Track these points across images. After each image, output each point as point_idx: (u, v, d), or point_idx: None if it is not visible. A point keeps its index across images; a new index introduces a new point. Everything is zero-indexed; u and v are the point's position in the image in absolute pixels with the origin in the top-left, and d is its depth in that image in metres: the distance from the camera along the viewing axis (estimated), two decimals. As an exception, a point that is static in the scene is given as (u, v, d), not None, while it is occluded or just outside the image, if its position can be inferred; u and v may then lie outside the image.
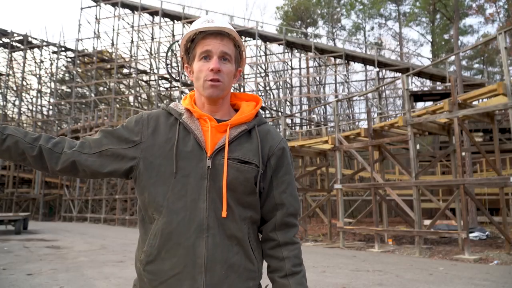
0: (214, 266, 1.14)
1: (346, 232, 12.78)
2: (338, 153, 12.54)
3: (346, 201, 19.78)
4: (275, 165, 1.27)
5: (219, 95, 1.24)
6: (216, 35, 1.24)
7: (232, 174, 1.18)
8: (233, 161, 1.19)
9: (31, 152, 1.21)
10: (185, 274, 1.13)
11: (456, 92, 9.92)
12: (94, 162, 1.23)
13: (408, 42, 40.30)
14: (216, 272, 1.14)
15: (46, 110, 37.73)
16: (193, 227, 1.15)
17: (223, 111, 1.29)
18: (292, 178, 1.30)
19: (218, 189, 1.17)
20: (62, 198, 29.24)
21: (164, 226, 1.16)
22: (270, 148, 1.27)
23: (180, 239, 1.15)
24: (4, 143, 1.20)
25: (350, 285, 5.87)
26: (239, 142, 1.23)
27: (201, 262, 1.13)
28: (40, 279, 6.14)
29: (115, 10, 33.41)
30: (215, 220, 1.16)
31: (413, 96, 21.44)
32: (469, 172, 13.85)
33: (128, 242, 11.97)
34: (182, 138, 1.22)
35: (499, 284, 5.96)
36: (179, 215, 1.16)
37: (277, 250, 1.25)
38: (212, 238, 1.15)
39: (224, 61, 1.24)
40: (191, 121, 1.25)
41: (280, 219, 1.25)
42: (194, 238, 1.14)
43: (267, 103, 31.77)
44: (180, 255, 1.14)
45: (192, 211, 1.16)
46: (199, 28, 1.24)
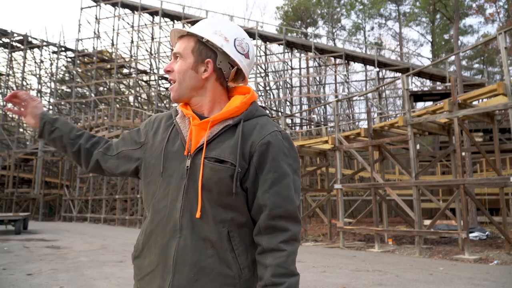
0: (182, 267, 1.12)
1: (346, 232, 12.78)
2: (338, 153, 12.55)
3: (346, 201, 19.79)
4: (258, 162, 1.15)
5: (174, 96, 1.25)
6: (178, 39, 1.28)
7: (206, 174, 1.14)
8: (209, 160, 1.15)
9: (71, 148, 1.38)
10: (156, 273, 1.16)
11: (456, 92, 9.92)
12: (112, 163, 1.36)
13: (408, 42, 40.36)
14: (184, 274, 1.12)
15: (46, 110, 37.69)
16: (169, 227, 1.16)
17: (208, 108, 1.25)
18: (281, 175, 1.15)
19: (195, 189, 1.15)
20: (62, 198, 29.23)
21: (148, 224, 1.22)
22: (252, 144, 1.16)
23: (157, 237, 1.18)
24: (52, 135, 1.38)
25: (350, 285, 5.87)
26: (221, 139, 1.18)
27: (171, 263, 1.13)
28: (40, 279, 6.14)
29: (115, 10, 33.42)
30: (189, 221, 1.14)
31: (413, 96, 21.45)
32: (469, 172, 13.85)
33: (128, 242, 11.97)
34: (172, 138, 1.24)
35: (499, 284, 5.96)
36: (160, 214, 1.19)
37: (262, 256, 1.13)
38: (183, 239, 1.13)
39: (176, 60, 1.26)
40: (182, 121, 1.26)
41: (264, 222, 1.14)
42: (168, 238, 1.15)
43: (267, 103, 31.77)
44: (155, 254, 1.17)
45: (171, 211, 1.17)
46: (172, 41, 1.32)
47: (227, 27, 1.25)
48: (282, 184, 1.15)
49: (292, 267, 1.11)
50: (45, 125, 1.38)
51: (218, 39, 1.22)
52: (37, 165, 30.29)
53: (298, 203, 1.19)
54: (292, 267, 1.11)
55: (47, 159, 32.65)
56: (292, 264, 1.12)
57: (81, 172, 27.67)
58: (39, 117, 1.39)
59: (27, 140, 38.38)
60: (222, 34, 1.22)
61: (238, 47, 1.24)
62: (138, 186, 22.07)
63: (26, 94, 1.40)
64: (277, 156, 1.16)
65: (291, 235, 1.13)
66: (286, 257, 1.10)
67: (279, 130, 1.20)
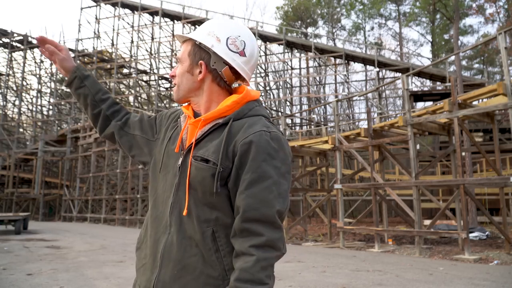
0: (168, 263, 1.16)
1: (346, 232, 12.77)
2: (338, 153, 12.54)
3: (346, 201, 19.78)
4: (239, 162, 1.12)
5: (175, 98, 1.31)
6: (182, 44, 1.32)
7: (192, 173, 1.16)
8: (195, 159, 1.16)
9: (92, 110, 1.44)
10: (148, 266, 1.22)
11: (456, 92, 9.92)
12: (125, 142, 1.44)
13: (408, 42, 40.34)
14: (168, 270, 1.15)
15: (46, 110, 37.74)
16: (162, 223, 1.21)
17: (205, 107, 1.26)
18: (260, 177, 1.09)
19: (184, 187, 1.18)
20: (62, 198, 29.22)
21: (148, 218, 1.29)
22: (235, 143, 1.13)
23: (152, 232, 1.24)
24: (78, 90, 1.43)
25: (350, 285, 5.87)
26: (210, 138, 1.19)
27: (159, 257, 1.18)
28: (40, 279, 6.14)
29: (115, 10, 33.41)
30: (177, 218, 1.18)
31: (413, 96, 21.44)
32: (469, 172, 13.85)
33: (128, 242, 11.97)
34: (174, 137, 1.29)
35: (499, 284, 5.96)
36: (157, 210, 1.24)
37: (234, 260, 1.10)
38: (171, 236, 1.18)
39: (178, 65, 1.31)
40: (184, 119, 1.31)
41: (238, 224, 1.09)
42: (160, 233, 1.21)
43: (267, 103, 31.76)
44: (149, 247, 1.23)
45: (165, 207, 1.22)
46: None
47: (222, 27, 1.24)
48: (261, 186, 1.09)
49: (260, 275, 1.03)
50: (75, 79, 1.43)
51: (209, 40, 1.22)
52: (37, 165, 30.28)
53: (282, 208, 1.10)
54: (260, 275, 1.03)
55: (47, 159, 32.64)
56: (261, 271, 1.03)
57: (81, 172, 27.67)
58: (72, 70, 1.43)
59: (27, 140, 38.37)
60: (214, 35, 1.22)
61: (230, 45, 1.22)
62: (138, 186, 22.08)
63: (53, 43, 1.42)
64: (258, 157, 1.10)
65: (265, 240, 1.06)
66: (254, 263, 1.03)
67: (268, 130, 1.14)
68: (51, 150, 31.55)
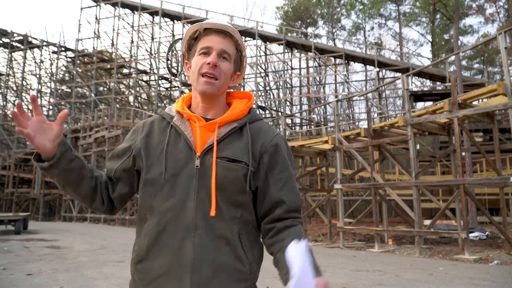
0: (201, 266, 1.13)
1: (346, 232, 12.78)
2: (338, 153, 12.54)
3: (346, 201, 19.77)
4: (269, 162, 1.24)
5: (212, 92, 1.24)
6: (219, 33, 1.26)
7: (221, 173, 1.17)
8: (222, 160, 1.18)
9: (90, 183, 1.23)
10: (171, 274, 1.14)
11: (456, 92, 9.92)
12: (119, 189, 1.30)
13: (408, 42, 40.33)
14: (203, 272, 1.13)
15: (46, 110, 37.73)
16: (181, 227, 1.15)
17: (216, 110, 1.29)
18: (290, 174, 1.27)
19: (206, 188, 1.17)
20: (62, 198, 29.22)
21: (153, 226, 1.18)
22: (262, 145, 1.25)
23: (168, 239, 1.15)
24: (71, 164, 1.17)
25: (350, 285, 5.87)
26: (230, 141, 1.22)
27: (187, 262, 1.13)
28: (40, 279, 6.14)
29: (115, 10, 33.43)
30: (203, 220, 1.15)
31: (413, 96, 21.44)
32: (469, 172, 13.84)
33: (128, 242, 11.97)
34: (173, 140, 1.24)
35: (499, 284, 5.96)
36: (167, 215, 1.17)
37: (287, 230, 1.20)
38: (199, 238, 1.14)
39: (223, 59, 1.25)
40: (181, 122, 1.26)
41: (279, 215, 1.22)
42: (181, 238, 1.14)
43: (267, 103, 31.78)
44: (167, 255, 1.15)
45: (181, 211, 1.16)
46: (203, 24, 1.27)
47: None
48: (292, 182, 1.27)
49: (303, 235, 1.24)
50: (67, 151, 1.15)
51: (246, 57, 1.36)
52: (37, 165, 30.27)
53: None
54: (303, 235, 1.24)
55: (47, 159, 32.62)
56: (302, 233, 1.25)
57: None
58: (61, 141, 1.15)
59: (27, 140, 38.36)
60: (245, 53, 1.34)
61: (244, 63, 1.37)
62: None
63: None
64: (285, 157, 1.28)
65: (301, 219, 1.27)
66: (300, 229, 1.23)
67: (280, 133, 1.33)
68: (51, 150, 31.51)
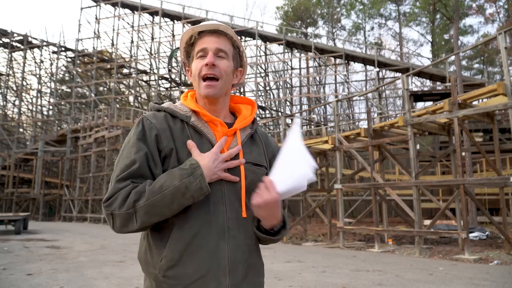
0: (236, 266, 1.16)
1: (346, 232, 12.77)
2: (338, 153, 12.54)
3: (346, 201, 19.77)
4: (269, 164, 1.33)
5: (215, 94, 1.24)
6: (212, 33, 1.26)
7: (250, 176, 1.23)
8: (247, 164, 1.24)
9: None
10: (209, 277, 1.12)
11: (456, 92, 9.91)
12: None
13: (408, 42, 40.33)
14: (238, 272, 1.16)
15: (46, 110, 37.74)
16: (215, 230, 1.15)
17: (224, 113, 1.31)
18: None
19: (235, 191, 1.20)
20: (62, 198, 29.22)
21: (184, 230, 1.14)
22: (272, 151, 1.36)
23: (202, 242, 1.14)
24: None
25: (350, 285, 5.87)
26: (247, 145, 1.28)
27: (225, 264, 1.14)
28: (40, 279, 6.14)
29: (115, 10, 33.42)
30: (235, 221, 1.18)
31: (413, 96, 21.44)
32: (469, 172, 13.84)
33: (128, 242, 11.97)
34: (196, 142, 1.20)
35: (499, 284, 5.96)
36: (200, 219, 1.15)
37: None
38: (233, 239, 1.17)
39: (220, 58, 1.25)
40: (201, 124, 1.24)
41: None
42: (217, 240, 1.15)
43: (267, 103, 31.77)
44: (203, 258, 1.13)
45: (213, 214, 1.16)
46: (196, 28, 1.27)
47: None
48: None
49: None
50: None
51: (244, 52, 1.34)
52: (37, 165, 30.29)
53: None
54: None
55: (47, 159, 32.65)
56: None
57: (81, 172, 27.67)
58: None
59: (27, 140, 38.39)
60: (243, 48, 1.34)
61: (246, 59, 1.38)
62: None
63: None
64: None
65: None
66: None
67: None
68: (51, 150, 31.55)
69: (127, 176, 1.13)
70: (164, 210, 1.10)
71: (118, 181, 1.13)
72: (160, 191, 1.09)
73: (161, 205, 1.09)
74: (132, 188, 1.12)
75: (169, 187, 1.09)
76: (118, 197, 1.11)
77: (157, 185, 1.10)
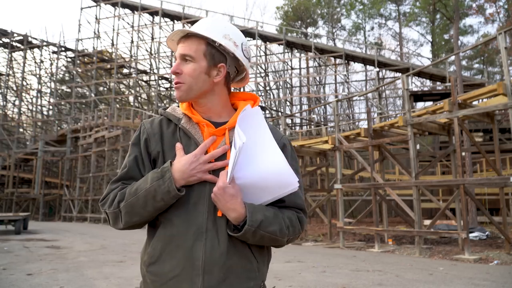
0: (212, 268, 1.13)
1: (346, 232, 12.78)
2: (338, 153, 12.54)
3: (346, 201, 19.78)
4: None
5: (182, 97, 1.24)
6: (183, 39, 1.25)
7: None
8: None
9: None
10: (183, 276, 1.13)
11: (456, 92, 9.92)
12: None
13: (408, 42, 40.33)
14: (214, 275, 1.13)
15: (46, 110, 37.75)
16: (192, 230, 1.15)
17: (217, 112, 1.28)
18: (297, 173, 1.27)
19: None
20: (62, 198, 29.23)
21: (165, 229, 1.18)
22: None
23: (179, 241, 1.15)
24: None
25: (350, 285, 5.87)
26: None
27: (199, 265, 1.13)
28: (40, 279, 6.14)
29: (115, 10, 33.43)
30: (214, 222, 1.16)
31: (413, 96, 21.44)
32: (469, 172, 13.84)
33: (128, 242, 11.97)
34: (184, 145, 1.22)
35: (499, 284, 5.96)
36: (179, 218, 1.17)
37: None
38: (210, 240, 1.15)
39: (185, 62, 1.23)
40: (191, 126, 1.25)
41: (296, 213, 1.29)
42: (193, 240, 1.15)
43: (267, 103, 31.76)
44: (179, 258, 1.15)
45: (192, 214, 1.17)
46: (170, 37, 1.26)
47: (233, 31, 1.27)
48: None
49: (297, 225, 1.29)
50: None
51: (229, 43, 1.24)
52: (37, 165, 30.29)
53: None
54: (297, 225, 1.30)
55: (47, 159, 32.65)
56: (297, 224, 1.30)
57: (81, 172, 27.67)
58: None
59: (27, 140, 38.40)
60: (231, 39, 1.25)
61: (244, 51, 1.28)
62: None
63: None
64: (294, 157, 1.32)
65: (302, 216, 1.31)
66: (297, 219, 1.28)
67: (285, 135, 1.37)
68: (51, 150, 31.55)
69: (119, 178, 1.24)
70: (140, 211, 1.17)
71: (112, 182, 1.25)
72: (135, 193, 1.16)
73: (136, 206, 1.16)
74: (120, 189, 1.21)
75: (142, 189, 1.16)
76: (109, 197, 1.22)
77: (133, 188, 1.18)
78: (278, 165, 1.16)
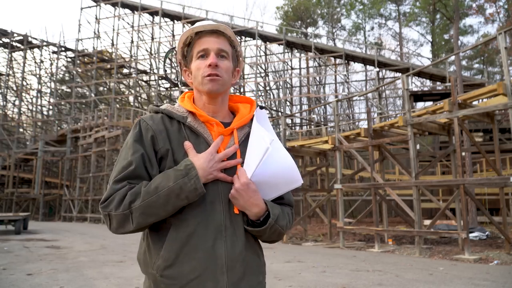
0: (234, 265, 1.15)
1: (346, 232, 12.77)
2: (338, 153, 12.54)
3: (346, 201, 19.78)
4: None
5: (218, 90, 1.24)
6: (212, 34, 1.26)
7: None
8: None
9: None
10: (206, 276, 1.12)
11: (456, 92, 9.91)
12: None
13: (408, 42, 40.34)
14: (236, 271, 1.15)
15: (46, 110, 37.74)
16: (211, 229, 1.15)
17: (223, 112, 1.31)
18: None
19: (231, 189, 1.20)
20: (62, 198, 29.22)
21: (179, 230, 1.15)
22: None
23: (197, 241, 1.14)
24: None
25: (350, 285, 5.87)
26: (245, 144, 1.25)
27: (222, 263, 1.13)
28: (40, 279, 6.14)
29: (115, 10, 33.42)
30: (230, 220, 1.18)
31: (413, 96, 21.44)
32: (469, 172, 13.84)
33: (128, 242, 11.97)
34: (193, 143, 1.21)
35: (499, 284, 5.96)
36: (197, 218, 1.16)
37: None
38: (230, 238, 1.16)
39: (222, 58, 1.25)
40: (198, 124, 1.25)
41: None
42: (213, 239, 1.14)
43: (267, 103, 31.76)
44: (199, 258, 1.13)
45: (210, 213, 1.17)
46: (195, 28, 1.26)
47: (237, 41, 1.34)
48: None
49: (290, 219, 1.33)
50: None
51: (241, 52, 1.35)
52: (37, 165, 30.29)
53: None
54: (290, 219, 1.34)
55: (47, 159, 32.64)
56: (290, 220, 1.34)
57: (81, 172, 27.67)
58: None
59: (27, 140, 38.39)
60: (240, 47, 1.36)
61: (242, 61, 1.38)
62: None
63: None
64: None
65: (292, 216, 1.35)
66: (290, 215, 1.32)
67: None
68: (51, 150, 31.54)
69: (124, 177, 1.15)
70: (159, 211, 1.12)
71: (115, 182, 1.15)
72: (155, 192, 1.11)
73: (156, 206, 1.11)
74: (128, 189, 1.13)
75: (164, 188, 1.11)
76: (115, 198, 1.13)
77: (152, 186, 1.12)
78: (288, 162, 1.20)
